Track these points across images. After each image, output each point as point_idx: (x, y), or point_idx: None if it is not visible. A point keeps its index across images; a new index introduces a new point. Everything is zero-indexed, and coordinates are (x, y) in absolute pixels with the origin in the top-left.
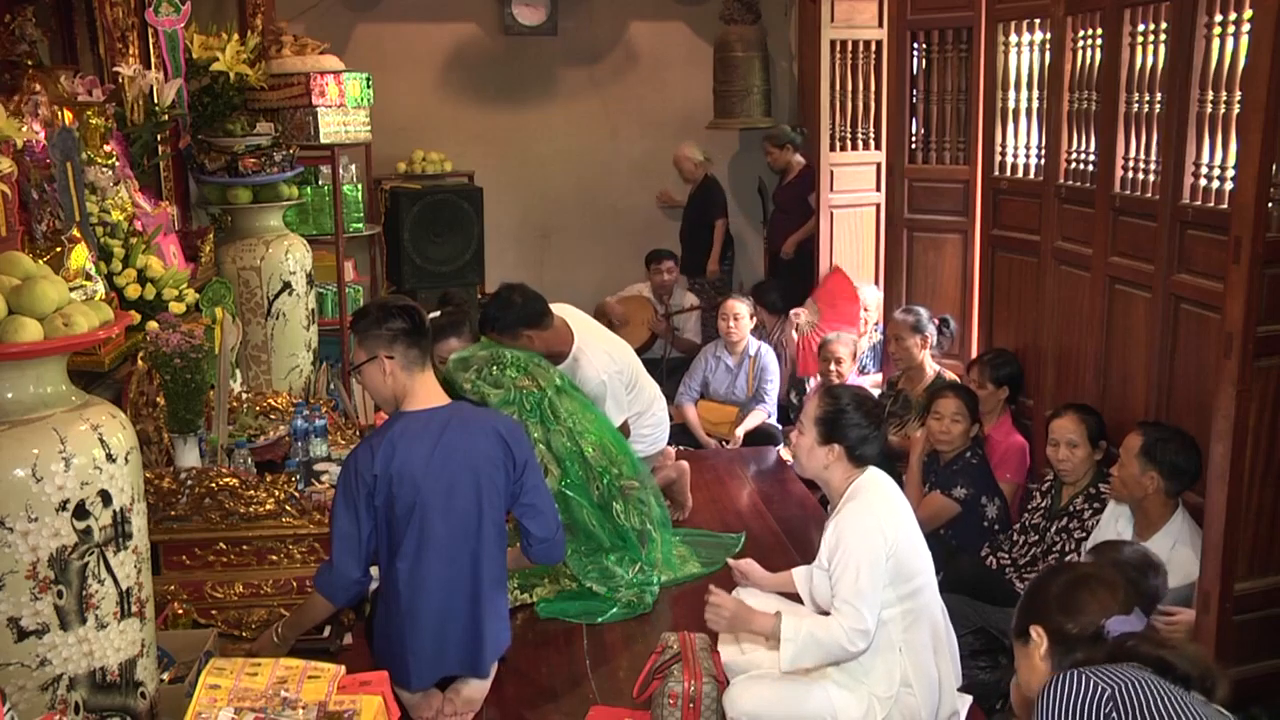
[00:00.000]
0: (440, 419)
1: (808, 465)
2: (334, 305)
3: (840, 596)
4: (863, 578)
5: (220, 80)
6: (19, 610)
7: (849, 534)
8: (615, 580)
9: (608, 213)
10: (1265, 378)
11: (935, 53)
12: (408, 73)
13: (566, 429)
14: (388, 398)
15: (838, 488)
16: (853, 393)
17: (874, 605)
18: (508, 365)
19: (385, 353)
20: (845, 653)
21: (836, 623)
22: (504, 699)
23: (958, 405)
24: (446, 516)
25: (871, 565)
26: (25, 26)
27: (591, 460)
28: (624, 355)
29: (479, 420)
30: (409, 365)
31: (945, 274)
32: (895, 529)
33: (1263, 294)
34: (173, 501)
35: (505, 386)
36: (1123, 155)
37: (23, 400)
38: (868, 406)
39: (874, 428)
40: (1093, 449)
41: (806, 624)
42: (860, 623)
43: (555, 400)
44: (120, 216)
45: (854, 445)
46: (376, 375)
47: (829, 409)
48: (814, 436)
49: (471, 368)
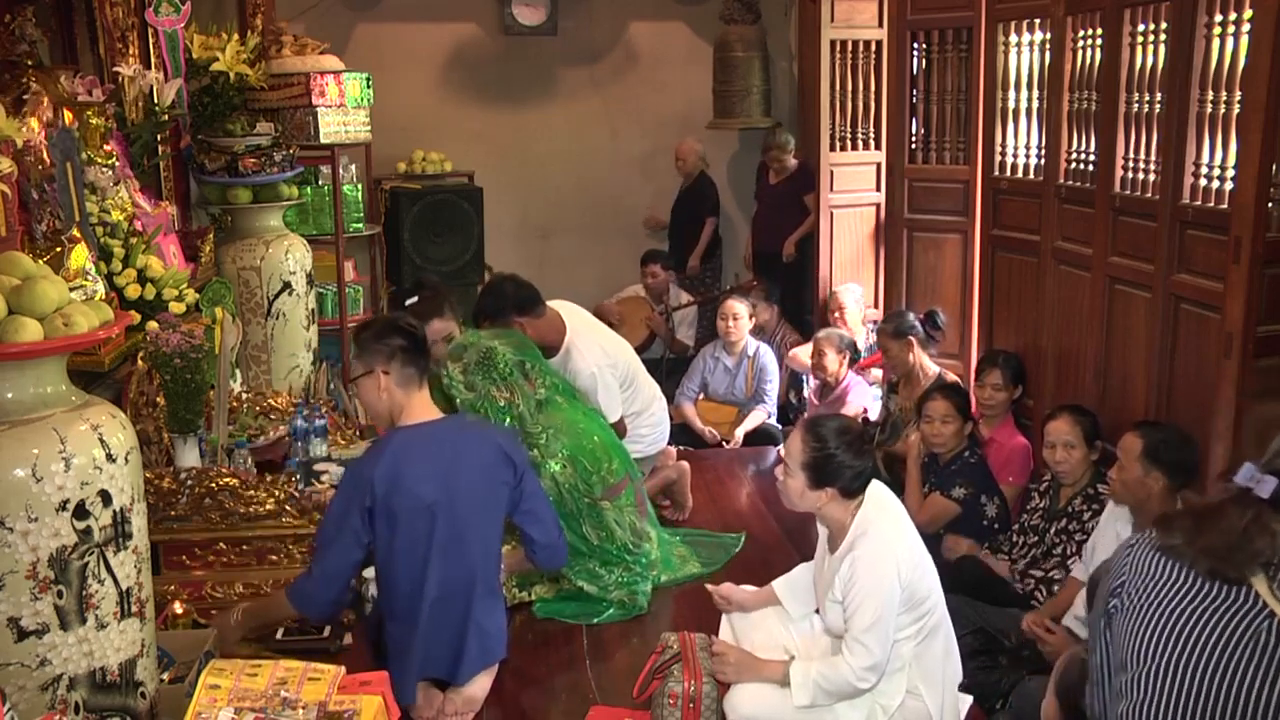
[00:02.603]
0: (438, 431)
1: (800, 506)
2: (334, 305)
3: (852, 634)
4: (879, 619)
5: (220, 80)
6: (19, 610)
7: (866, 574)
8: (603, 580)
9: (608, 213)
10: (1265, 378)
11: (935, 53)
12: (408, 73)
13: (537, 447)
14: (381, 413)
15: (841, 523)
16: (836, 429)
17: (886, 643)
18: (495, 370)
19: (382, 367)
20: (855, 690)
21: (845, 663)
22: (504, 699)
23: (947, 407)
24: (447, 527)
25: (887, 606)
26: (25, 26)
27: (561, 480)
28: (620, 351)
29: (476, 432)
30: (405, 383)
31: (945, 274)
32: (910, 561)
33: (1263, 294)
34: (173, 501)
35: (479, 391)
36: (1123, 155)
37: (23, 400)
38: (854, 442)
39: (864, 460)
40: (1089, 449)
41: (814, 671)
42: (869, 659)
43: (527, 414)
44: (120, 216)
45: (848, 484)
46: (372, 389)
47: (816, 454)
48: (804, 481)
49: (462, 359)
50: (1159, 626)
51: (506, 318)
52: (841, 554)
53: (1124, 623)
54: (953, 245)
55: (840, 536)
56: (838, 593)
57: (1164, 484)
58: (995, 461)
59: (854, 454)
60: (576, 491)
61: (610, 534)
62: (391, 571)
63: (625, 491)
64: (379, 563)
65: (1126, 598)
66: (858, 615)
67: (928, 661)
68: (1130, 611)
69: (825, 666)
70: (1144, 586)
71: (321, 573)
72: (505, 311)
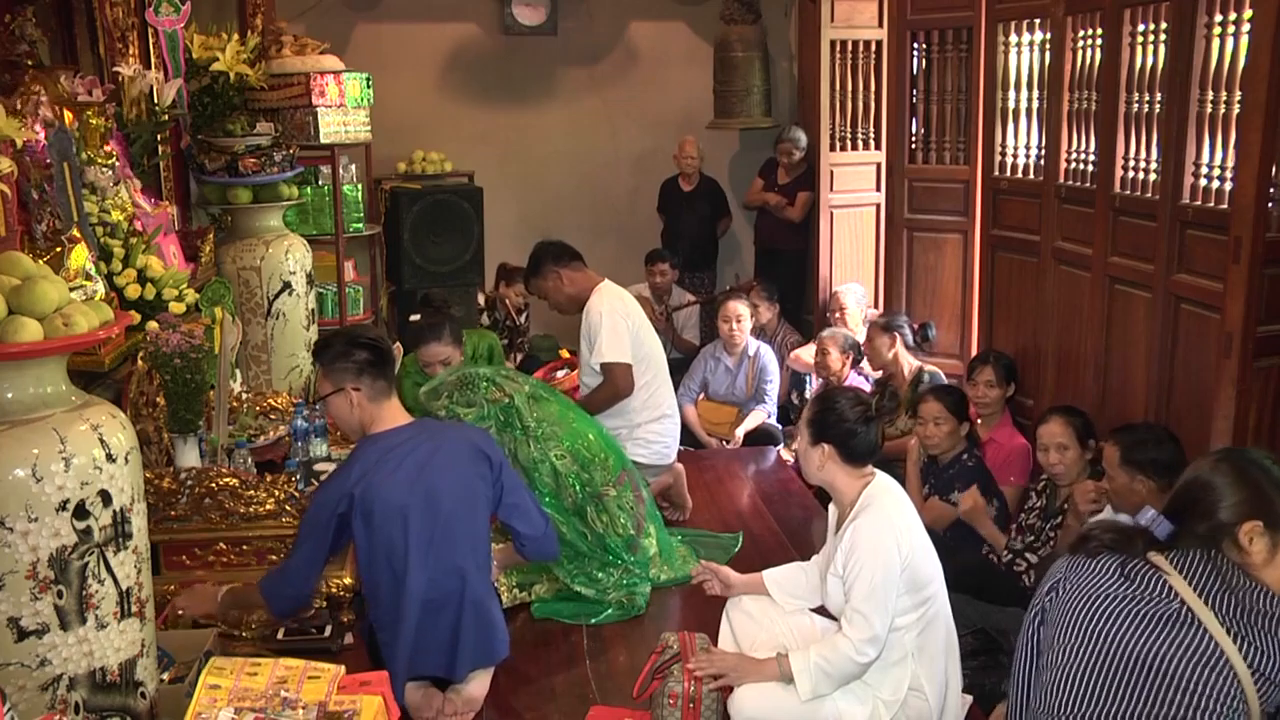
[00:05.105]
0: (409, 436)
1: (806, 468)
2: (334, 305)
3: (852, 604)
4: (876, 587)
5: (220, 80)
6: (19, 610)
7: (866, 543)
8: (601, 584)
9: (608, 213)
10: (1265, 378)
11: (935, 53)
12: (408, 73)
13: (534, 439)
14: (354, 426)
15: (848, 496)
16: (842, 393)
17: (885, 614)
18: (479, 381)
19: (352, 385)
20: (856, 666)
21: (843, 638)
22: (504, 699)
23: (939, 408)
24: (425, 529)
25: (886, 575)
26: (25, 26)
27: (561, 469)
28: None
29: (448, 432)
30: (375, 396)
31: (945, 274)
32: (910, 539)
33: (1263, 294)
34: (173, 501)
35: (478, 404)
36: (1123, 155)
37: (23, 400)
38: (854, 404)
39: (861, 423)
40: (1083, 449)
41: (813, 655)
42: (868, 631)
43: (523, 407)
44: (120, 216)
45: (842, 440)
46: (343, 406)
47: (816, 410)
48: (806, 438)
49: (443, 395)
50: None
51: (545, 267)
52: (845, 528)
53: (1055, 616)
54: (953, 245)
55: (846, 513)
56: (839, 566)
57: (1150, 485)
58: (995, 462)
59: (850, 412)
60: (579, 482)
61: (613, 521)
62: (373, 576)
63: (624, 485)
64: (361, 571)
65: (1059, 592)
66: (857, 584)
67: (929, 658)
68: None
69: (824, 647)
70: (1076, 584)
71: (288, 568)
72: (544, 262)
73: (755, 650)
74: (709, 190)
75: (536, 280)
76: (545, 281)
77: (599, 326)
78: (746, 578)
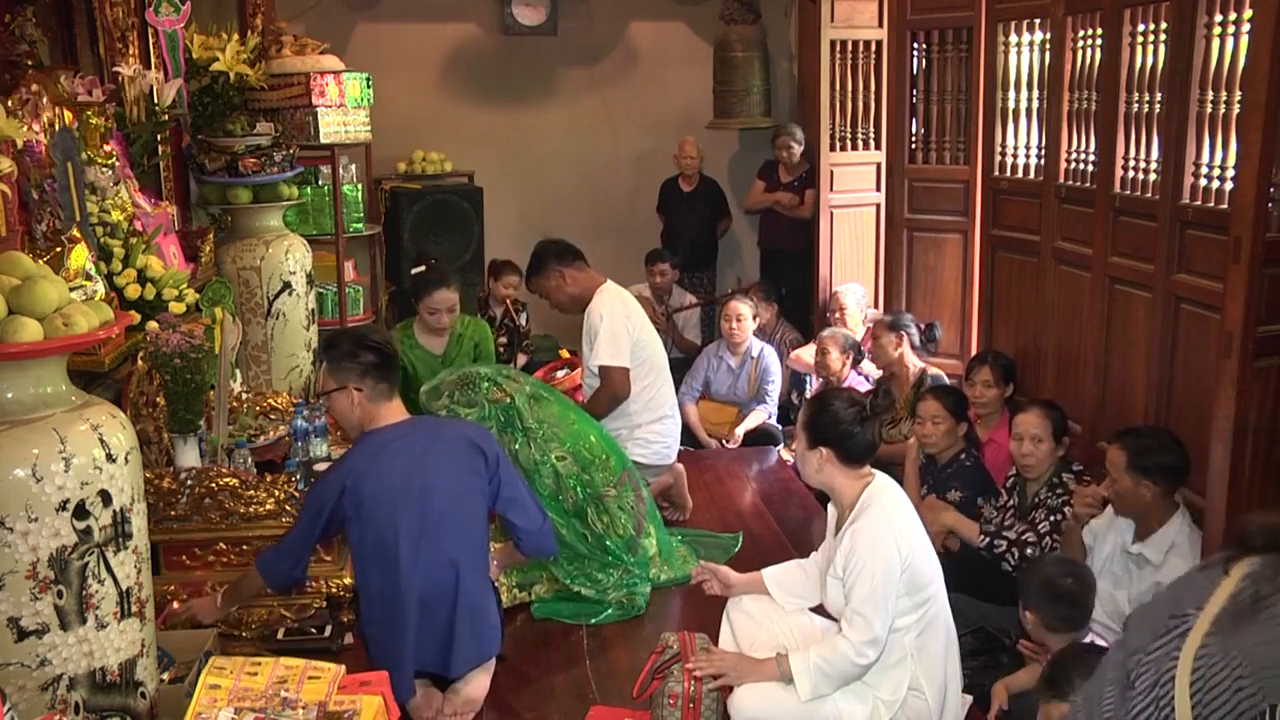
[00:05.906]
0: (404, 432)
1: (805, 472)
2: (334, 305)
3: (852, 605)
4: (877, 588)
5: (220, 80)
6: (19, 610)
7: (866, 544)
8: (601, 584)
9: (608, 213)
10: (1265, 378)
11: (935, 53)
12: (408, 73)
13: (535, 441)
14: (354, 424)
15: (848, 497)
16: (836, 394)
17: (885, 615)
18: (480, 381)
19: (355, 384)
20: (857, 667)
21: (843, 639)
22: (504, 699)
23: (937, 407)
24: (416, 523)
25: (886, 576)
26: (25, 26)
27: (562, 471)
28: (648, 336)
29: (446, 428)
30: (376, 397)
31: (945, 274)
32: (910, 540)
33: (1263, 294)
34: (173, 501)
35: (478, 404)
36: (1123, 155)
37: (23, 400)
38: (849, 404)
39: (856, 423)
40: (1055, 445)
41: (813, 655)
42: (868, 632)
43: (524, 408)
44: (120, 216)
45: (839, 442)
46: (344, 404)
47: (811, 412)
48: (804, 442)
49: (444, 395)
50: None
51: (547, 266)
52: (844, 530)
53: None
54: (953, 245)
55: (845, 514)
56: (839, 568)
57: (1155, 490)
58: (995, 463)
59: (846, 412)
60: (579, 483)
61: (614, 522)
62: (364, 569)
63: (625, 486)
64: (355, 569)
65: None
66: (857, 586)
67: (929, 659)
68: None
69: (824, 648)
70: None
71: (283, 545)
72: (547, 261)
73: (755, 650)
74: (709, 190)
75: (539, 279)
76: (548, 281)
77: (599, 329)
78: (746, 577)
